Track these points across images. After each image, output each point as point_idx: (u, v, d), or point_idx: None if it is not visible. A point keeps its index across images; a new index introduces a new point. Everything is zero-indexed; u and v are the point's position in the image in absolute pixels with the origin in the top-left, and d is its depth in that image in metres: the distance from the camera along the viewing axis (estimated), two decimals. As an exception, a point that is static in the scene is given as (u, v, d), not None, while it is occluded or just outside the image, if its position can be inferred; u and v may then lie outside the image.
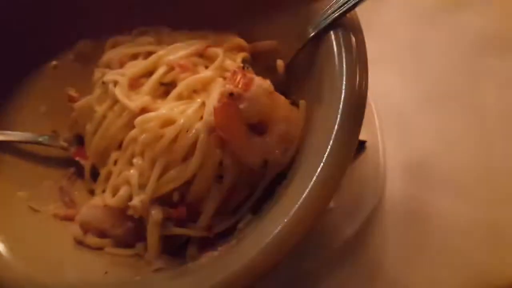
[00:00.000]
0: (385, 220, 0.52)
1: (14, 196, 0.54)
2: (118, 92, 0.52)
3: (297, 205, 0.40)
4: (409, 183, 0.53)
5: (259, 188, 0.49)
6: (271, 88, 0.48)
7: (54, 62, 0.61)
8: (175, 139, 0.47)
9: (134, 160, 0.49)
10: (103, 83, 0.54)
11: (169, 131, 0.47)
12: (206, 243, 0.49)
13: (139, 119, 0.49)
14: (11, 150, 0.57)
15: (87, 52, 0.61)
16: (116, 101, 0.52)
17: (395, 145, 0.55)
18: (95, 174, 0.57)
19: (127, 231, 0.52)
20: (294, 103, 0.49)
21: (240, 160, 0.47)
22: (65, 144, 0.59)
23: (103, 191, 0.53)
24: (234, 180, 0.48)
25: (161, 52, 0.54)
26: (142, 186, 0.48)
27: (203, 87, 0.52)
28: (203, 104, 0.49)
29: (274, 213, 0.42)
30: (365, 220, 0.52)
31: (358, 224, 0.52)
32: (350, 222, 0.52)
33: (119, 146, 0.53)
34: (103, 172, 0.55)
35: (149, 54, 0.55)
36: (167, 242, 0.50)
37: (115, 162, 0.53)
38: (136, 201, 0.47)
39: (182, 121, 0.47)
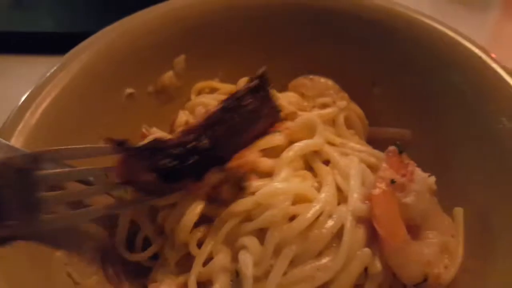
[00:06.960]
0: None
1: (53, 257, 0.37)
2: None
3: None
4: None
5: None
6: (435, 185, 0.39)
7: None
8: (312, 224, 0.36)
9: (245, 241, 0.36)
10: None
11: (309, 212, 0.36)
12: None
13: (263, 190, 0.37)
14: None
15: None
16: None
17: None
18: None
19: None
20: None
21: (393, 268, 0.36)
22: (125, 193, 0.40)
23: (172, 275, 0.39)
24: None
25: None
26: (256, 279, 0.35)
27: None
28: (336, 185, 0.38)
29: None
30: None
31: None
32: None
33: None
34: (171, 253, 0.39)
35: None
36: None
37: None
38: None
39: (322, 201, 0.36)
